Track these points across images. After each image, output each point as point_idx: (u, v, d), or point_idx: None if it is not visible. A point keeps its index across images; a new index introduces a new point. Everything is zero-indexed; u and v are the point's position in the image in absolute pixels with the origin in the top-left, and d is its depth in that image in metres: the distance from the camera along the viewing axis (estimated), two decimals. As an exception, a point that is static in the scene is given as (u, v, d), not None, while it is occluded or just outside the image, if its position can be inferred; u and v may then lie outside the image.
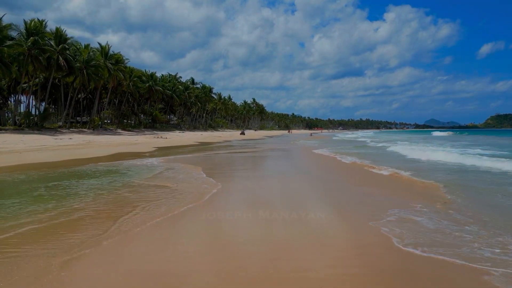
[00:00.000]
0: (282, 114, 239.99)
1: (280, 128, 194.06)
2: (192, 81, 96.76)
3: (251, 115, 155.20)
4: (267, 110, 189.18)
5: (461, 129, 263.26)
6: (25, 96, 52.48)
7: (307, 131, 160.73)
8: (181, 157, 19.54)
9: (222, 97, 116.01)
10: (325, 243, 5.18)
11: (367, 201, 8.18)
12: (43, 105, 51.97)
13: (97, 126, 53.65)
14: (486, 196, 8.77)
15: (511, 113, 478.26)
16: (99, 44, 55.06)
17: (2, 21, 38.32)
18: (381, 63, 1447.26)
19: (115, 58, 55.28)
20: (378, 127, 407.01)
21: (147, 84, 68.51)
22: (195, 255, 4.71)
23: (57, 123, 50.99)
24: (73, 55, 47.53)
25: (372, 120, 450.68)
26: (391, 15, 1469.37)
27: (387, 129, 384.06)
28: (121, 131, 55.57)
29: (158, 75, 79.46)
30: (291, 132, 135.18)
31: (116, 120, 64.85)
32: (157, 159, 17.51)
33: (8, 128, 39.20)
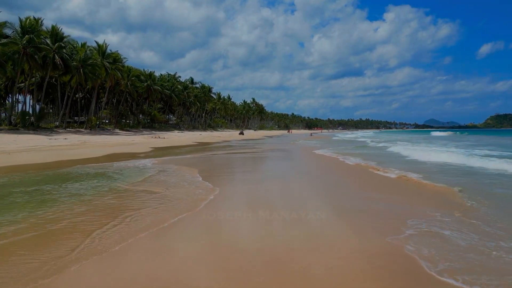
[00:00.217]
0: (281, 114, 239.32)
1: (279, 128, 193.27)
2: (191, 81, 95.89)
3: (250, 115, 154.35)
4: (267, 110, 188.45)
5: (461, 129, 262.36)
6: (22, 95, 51.74)
7: (307, 131, 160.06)
8: (177, 158, 18.69)
9: (221, 97, 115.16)
10: (338, 273, 4.08)
11: (380, 209, 7.32)
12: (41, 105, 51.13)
13: (95, 126, 52.79)
14: (509, 202, 7.95)
15: (510, 113, 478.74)
16: (96, 42, 54.20)
17: (-4, 18, 37.57)
18: (380, 63, 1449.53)
19: (112, 57, 54.40)
20: (378, 127, 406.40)
21: (145, 83, 67.65)
22: None
23: (53, 123, 50.17)
24: (70, 53, 46.69)
25: (371, 120, 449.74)
26: (390, 15, 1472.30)
27: (387, 129, 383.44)
28: (119, 131, 54.76)
29: (156, 75, 78.73)
30: (291, 132, 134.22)
31: (114, 120, 64.00)
32: (151, 160, 16.64)
33: (3, 128, 38.35)
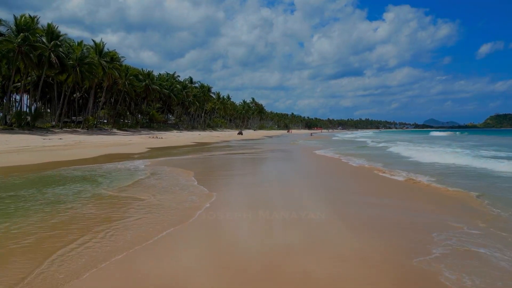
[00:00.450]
0: (281, 114, 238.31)
1: (279, 128, 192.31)
2: (190, 80, 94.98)
3: (250, 115, 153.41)
4: (267, 110, 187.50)
5: (461, 129, 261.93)
6: (19, 95, 50.84)
7: (307, 131, 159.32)
8: (174, 159, 17.81)
9: (221, 97, 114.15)
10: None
11: (395, 219, 6.44)
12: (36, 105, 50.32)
13: (92, 125, 51.86)
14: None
15: (510, 113, 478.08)
16: (93, 41, 53.17)
17: (-11, 16, 36.74)
18: (380, 63, 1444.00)
19: (110, 55, 53.52)
20: (377, 127, 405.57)
21: (143, 83, 66.71)
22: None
23: (50, 123, 49.26)
24: (66, 52, 45.76)
25: (371, 120, 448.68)
26: (390, 15, 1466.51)
27: (387, 129, 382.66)
28: (117, 131, 53.89)
29: (155, 74, 77.81)
30: (291, 132, 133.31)
31: (112, 119, 63.09)
32: (144, 161, 15.76)
33: (-3, 127, 37.47)
